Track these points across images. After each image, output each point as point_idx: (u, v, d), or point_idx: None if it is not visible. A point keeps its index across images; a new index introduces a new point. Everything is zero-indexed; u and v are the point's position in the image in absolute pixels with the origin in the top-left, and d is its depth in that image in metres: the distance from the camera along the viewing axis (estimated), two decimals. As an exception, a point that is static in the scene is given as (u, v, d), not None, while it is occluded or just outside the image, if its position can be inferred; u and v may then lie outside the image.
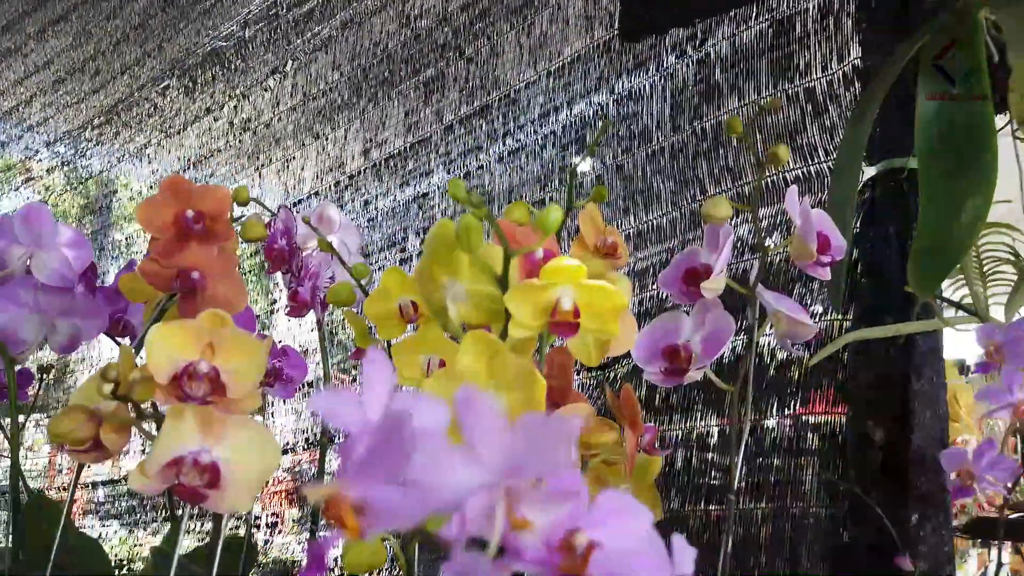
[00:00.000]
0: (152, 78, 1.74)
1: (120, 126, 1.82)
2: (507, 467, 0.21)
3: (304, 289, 0.90)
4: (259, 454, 0.48)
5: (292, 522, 1.58)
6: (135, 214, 0.68)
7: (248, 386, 0.49)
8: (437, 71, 1.26)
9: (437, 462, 0.20)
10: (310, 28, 1.44)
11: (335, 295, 0.65)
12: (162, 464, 0.45)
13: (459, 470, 0.21)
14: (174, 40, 1.70)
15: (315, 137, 1.43)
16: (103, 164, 1.91)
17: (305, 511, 1.52)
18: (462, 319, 0.42)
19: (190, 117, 1.66)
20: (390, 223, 1.30)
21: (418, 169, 1.27)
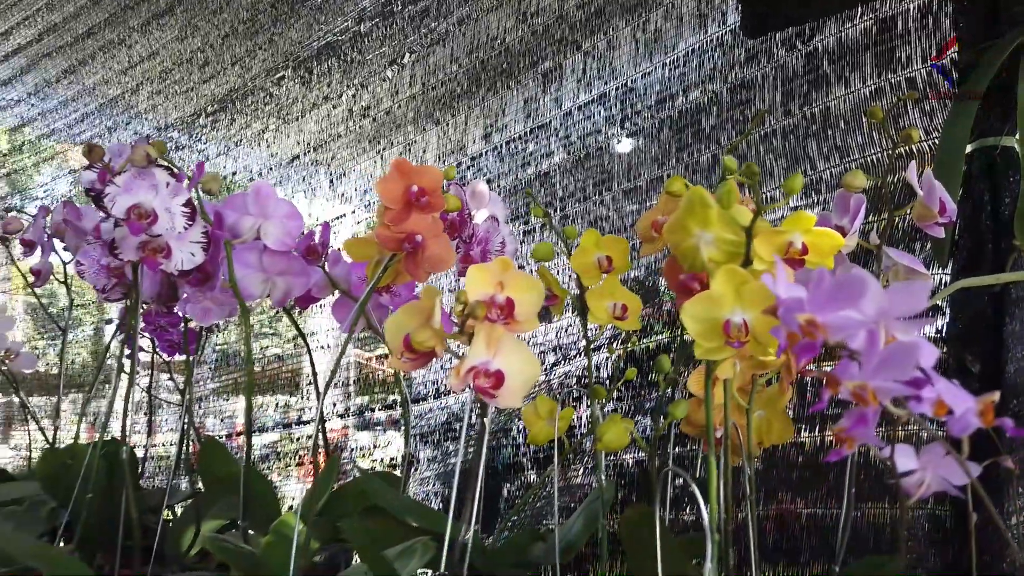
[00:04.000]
0: (265, 69, 1.89)
1: (235, 113, 1.98)
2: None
3: (475, 252, 1.05)
4: (526, 365, 0.64)
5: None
6: (375, 188, 0.83)
7: (530, 312, 0.64)
8: (555, 63, 1.40)
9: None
10: (426, 24, 1.58)
11: (538, 253, 0.80)
12: (465, 370, 0.61)
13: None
14: (285, 34, 1.84)
15: (435, 123, 1.57)
16: (219, 149, 2.07)
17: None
18: (709, 258, 0.56)
19: (308, 105, 1.81)
20: (512, 199, 1.45)
21: (538, 151, 1.41)
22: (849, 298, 0.38)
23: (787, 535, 1.01)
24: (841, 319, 0.37)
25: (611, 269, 0.78)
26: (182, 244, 0.74)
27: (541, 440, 0.81)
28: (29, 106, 2.84)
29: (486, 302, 0.61)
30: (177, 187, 0.71)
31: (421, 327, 0.60)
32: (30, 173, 3.72)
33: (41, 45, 2.74)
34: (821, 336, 0.38)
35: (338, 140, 1.78)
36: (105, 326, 2.83)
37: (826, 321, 0.38)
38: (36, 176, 3.78)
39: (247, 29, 1.94)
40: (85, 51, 2.44)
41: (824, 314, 0.38)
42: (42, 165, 3.49)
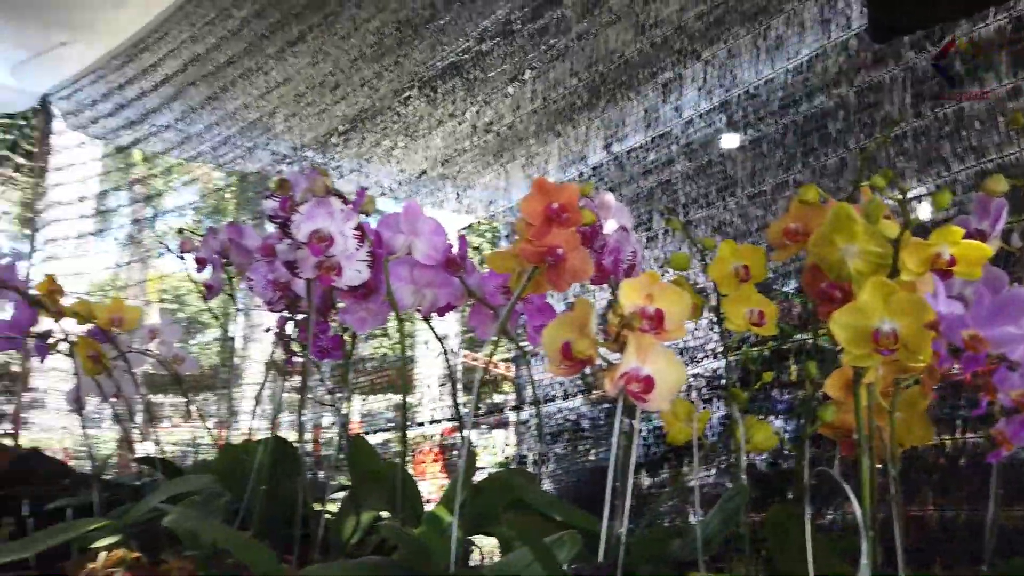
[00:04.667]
0: (393, 90, 1.99)
1: (365, 132, 2.09)
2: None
3: (607, 262, 1.09)
4: (674, 371, 0.67)
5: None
6: (518, 206, 0.88)
7: (678, 321, 0.67)
8: (674, 73, 1.42)
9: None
10: (546, 40, 1.63)
11: (675, 262, 0.83)
12: (618, 376, 0.65)
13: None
14: (410, 56, 1.93)
15: (556, 135, 1.62)
16: (352, 166, 2.19)
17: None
18: (855, 269, 0.58)
19: (433, 122, 1.90)
20: (634, 207, 1.48)
21: (659, 159, 1.44)
22: (1010, 315, 0.39)
23: (927, 536, 1.00)
24: (1003, 334, 0.39)
25: (748, 278, 0.80)
26: (351, 263, 0.81)
27: (680, 440, 0.84)
28: (176, 131, 3.08)
29: (638, 313, 0.64)
30: (349, 213, 0.77)
31: (579, 337, 0.64)
32: (165, 192, 4.01)
33: (186, 75, 2.96)
34: (984, 349, 0.39)
35: (463, 155, 1.85)
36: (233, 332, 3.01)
37: (989, 336, 0.39)
38: (171, 194, 4.07)
39: (374, 52, 2.04)
40: (226, 79, 2.62)
41: (987, 330, 0.39)
42: (176, 184, 3.77)
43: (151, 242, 4.34)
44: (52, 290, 1.23)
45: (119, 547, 1.06)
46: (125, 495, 1.25)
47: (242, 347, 3.03)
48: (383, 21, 2.01)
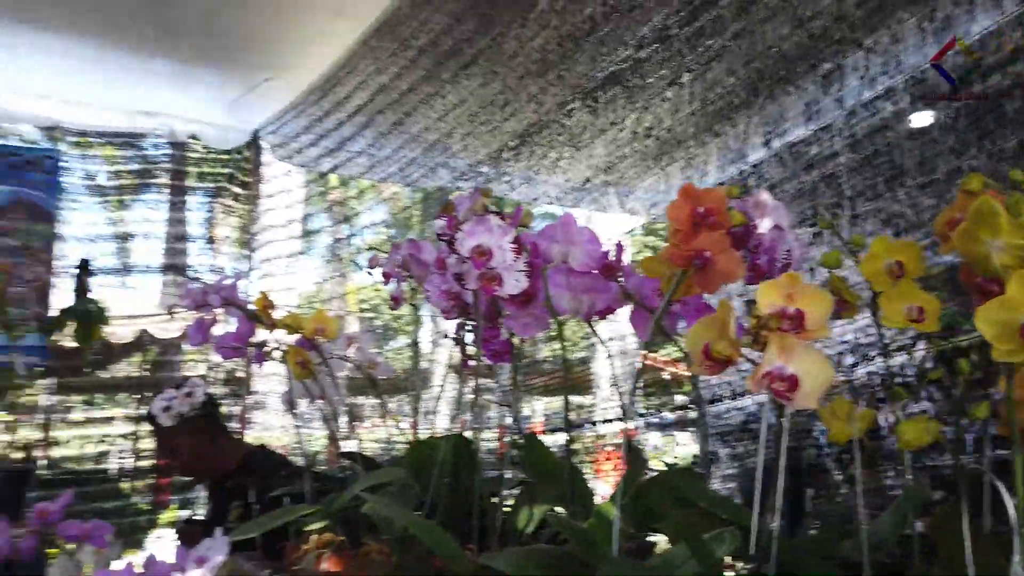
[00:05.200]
0: (557, 103, 2.07)
1: (533, 145, 2.19)
2: None
3: (762, 261, 1.08)
4: (820, 370, 0.67)
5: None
6: (666, 212, 0.92)
7: (820, 321, 0.68)
8: (835, 64, 1.38)
9: None
10: (702, 43, 1.63)
11: (827, 261, 0.83)
12: (761, 375, 0.66)
13: None
14: (572, 69, 2.00)
15: (715, 135, 1.62)
16: (522, 178, 2.30)
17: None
18: (1001, 263, 0.56)
19: (596, 131, 1.95)
20: (798, 203, 1.45)
21: (822, 152, 1.40)
22: None
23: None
24: None
25: (903, 274, 0.77)
26: (511, 274, 0.88)
27: (841, 440, 0.82)
28: (368, 156, 3.34)
29: (777, 314, 0.66)
30: (506, 228, 0.84)
31: (718, 338, 0.66)
32: (360, 211, 4.35)
33: (374, 104, 3.21)
34: None
35: (624, 161, 1.89)
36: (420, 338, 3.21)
37: None
38: (365, 213, 4.42)
39: (538, 69, 2.12)
40: (409, 104, 2.82)
41: None
42: (369, 204, 4.08)
43: (349, 258, 4.74)
44: (266, 305, 1.41)
45: (327, 531, 1.20)
46: (332, 485, 1.39)
47: (430, 351, 3.23)
48: (546, 38, 2.09)
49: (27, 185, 4.08)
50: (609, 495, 1.12)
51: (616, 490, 1.09)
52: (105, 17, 3.47)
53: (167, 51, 3.83)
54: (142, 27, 3.57)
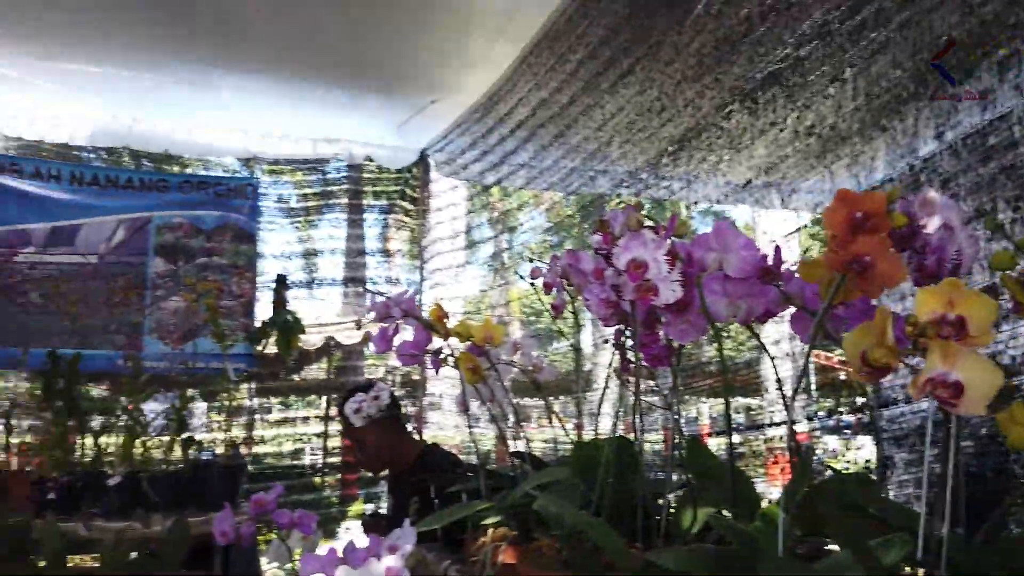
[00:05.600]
0: (715, 106, 2.06)
1: (692, 150, 2.18)
2: None
3: (930, 262, 1.04)
4: (986, 376, 0.66)
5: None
6: (823, 217, 0.91)
7: (983, 327, 0.66)
8: (1011, 49, 1.28)
9: None
10: (865, 36, 1.57)
11: (998, 261, 0.80)
12: (923, 382, 0.66)
13: None
14: (729, 72, 1.98)
15: (882, 130, 1.55)
16: (681, 183, 2.30)
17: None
18: None
19: (756, 132, 1.92)
20: (975, 196, 1.36)
21: (1000, 143, 1.31)
22: None
23: None
24: None
25: (1084, 273, 0.73)
26: (666, 284, 0.92)
27: (1020, 446, 0.79)
28: (530, 168, 3.45)
29: (937, 321, 0.65)
30: (659, 241, 0.88)
31: (876, 345, 0.66)
32: (521, 221, 4.48)
33: (536, 118, 3.31)
34: None
35: (786, 161, 1.84)
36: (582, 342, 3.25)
37: None
38: (525, 222, 4.54)
39: (695, 73, 2.12)
40: (569, 117, 2.89)
41: None
42: (529, 213, 4.19)
43: (511, 265, 4.90)
44: (440, 316, 1.52)
45: (501, 526, 1.28)
46: (504, 483, 1.48)
47: (592, 354, 3.28)
48: (702, 42, 2.08)
49: (232, 210, 4.56)
50: (776, 499, 1.11)
51: (782, 494, 1.09)
52: (293, 56, 3.83)
53: (345, 84, 4.17)
54: (324, 65, 3.90)
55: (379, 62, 3.85)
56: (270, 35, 3.57)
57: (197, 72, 3.95)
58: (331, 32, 3.56)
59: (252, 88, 4.19)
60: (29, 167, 4.16)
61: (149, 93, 4.16)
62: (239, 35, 3.57)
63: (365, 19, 3.44)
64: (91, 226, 4.20)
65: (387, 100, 4.39)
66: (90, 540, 2.31)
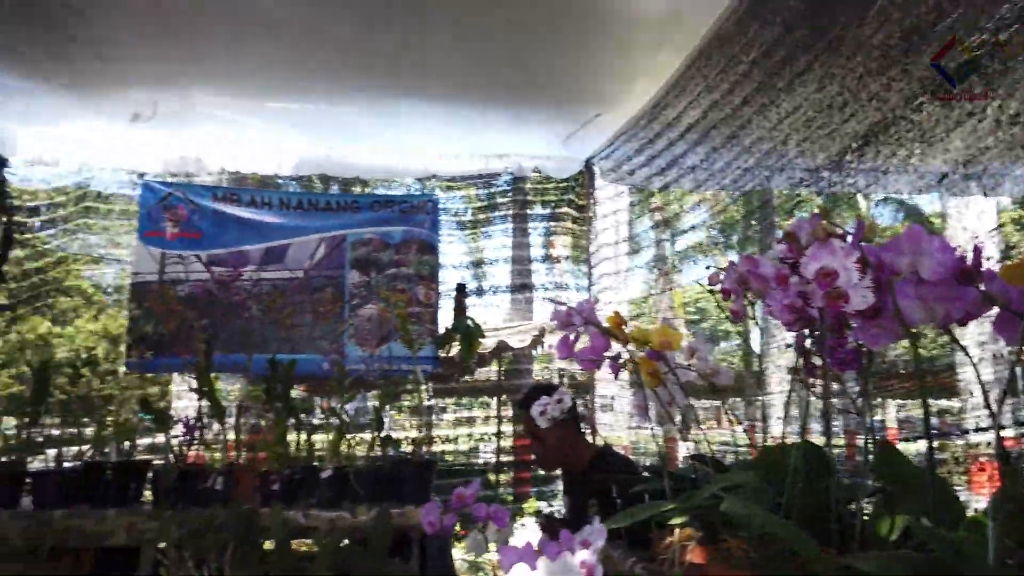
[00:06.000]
0: (903, 99, 1.95)
1: (879, 145, 2.09)
2: None
3: None
4: None
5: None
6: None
7: None
8: None
9: None
10: (1075, 14, 1.44)
11: None
12: None
13: None
14: (918, 62, 1.88)
15: (1098, 115, 1.42)
16: (867, 180, 2.20)
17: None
18: None
19: (951, 124, 1.81)
20: None
21: None
22: None
23: None
24: None
25: None
26: (856, 291, 0.91)
27: None
28: (702, 170, 3.42)
29: None
30: (849, 248, 0.88)
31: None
32: (682, 220, 4.42)
33: (706, 121, 3.28)
34: None
35: (987, 152, 1.71)
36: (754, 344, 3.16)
37: None
38: (686, 222, 4.48)
39: (879, 66, 2.02)
40: (743, 117, 2.84)
41: None
42: (692, 212, 4.14)
43: (674, 266, 4.86)
44: (618, 323, 1.56)
45: (687, 526, 1.30)
46: (684, 484, 1.49)
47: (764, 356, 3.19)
48: (887, 34, 1.98)
49: (415, 225, 4.85)
50: (983, 508, 1.06)
51: (990, 502, 1.05)
52: (466, 83, 4.05)
53: (513, 104, 4.36)
54: (494, 87, 4.10)
55: (545, 81, 3.98)
56: (446, 66, 3.81)
57: (383, 103, 4.28)
58: (500, 58, 3.72)
59: (430, 114, 4.48)
60: (245, 196, 4.68)
61: (342, 124, 4.56)
62: (419, 69, 3.83)
63: (529, 44, 3.58)
64: (297, 245, 4.64)
65: (553, 114, 4.52)
66: (307, 527, 2.56)
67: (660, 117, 3.74)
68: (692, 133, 3.40)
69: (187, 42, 3.57)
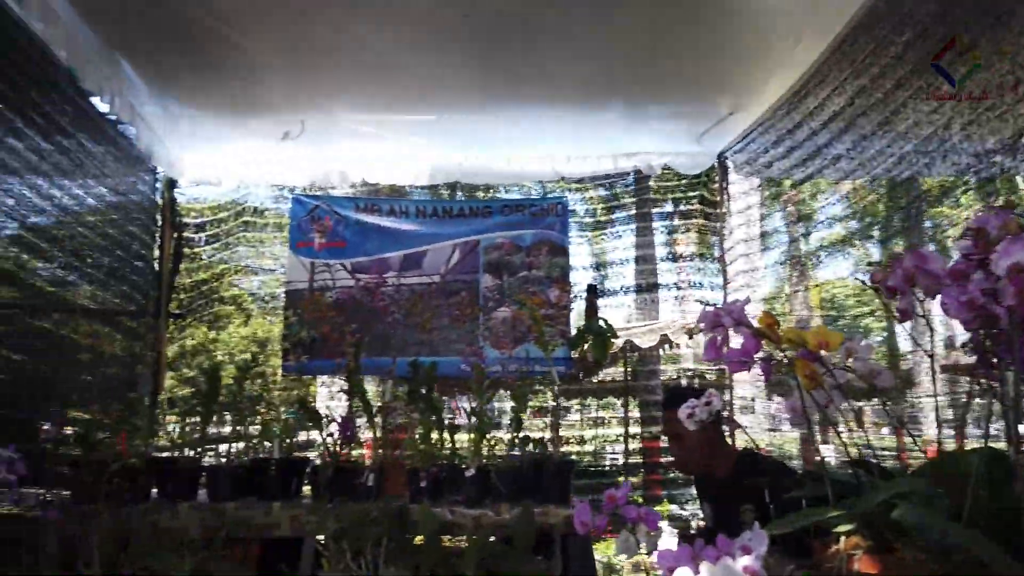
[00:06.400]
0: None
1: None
2: None
3: None
4: None
5: None
6: None
7: None
8: None
9: None
10: None
11: None
12: None
13: None
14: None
15: None
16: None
17: None
18: None
19: None
20: None
21: None
22: None
23: None
24: None
25: None
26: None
27: None
28: (848, 160, 3.24)
29: None
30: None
31: None
32: (818, 213, 4.21)
33: (854, 107, 3.11)
34: None
35: None
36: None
37: None
38: (820, 212, 4.26)
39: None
40: (896, 102, 2.67)
41: None
42: (826, 201, 3.93)
43: (810, 259, 4.64)
44: (770, 323, 1.51)
45: (853, 534, 1.24)
46: (844, 490, 1.42)
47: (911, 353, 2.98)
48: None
49: (545, 228, 4.90)
50: None
51: None
52: (594, 86, 4.04)
53: (640, 102, 4.32)
54: (622, 88, 4.07)
55: (674, 76, 3.91)
56: (572, 72, 3.83)
57: (512, 110, 4.36)
58: (631, 58, 3.70)
59: (558, 118, 4.51)
60: (385, 206, 4.88)
61: (474, 133, 4.68)
62: (547, 76, 3.87)
63: (655, 45, 3.53)
64: (434, 251, 4.79)
65: (684, 109, 4.44)
66: (454, 523, 2.64)
67: (800, 106, 3.58)
68: (837, 121, 3.24)
69: (329, 65, 3.78)
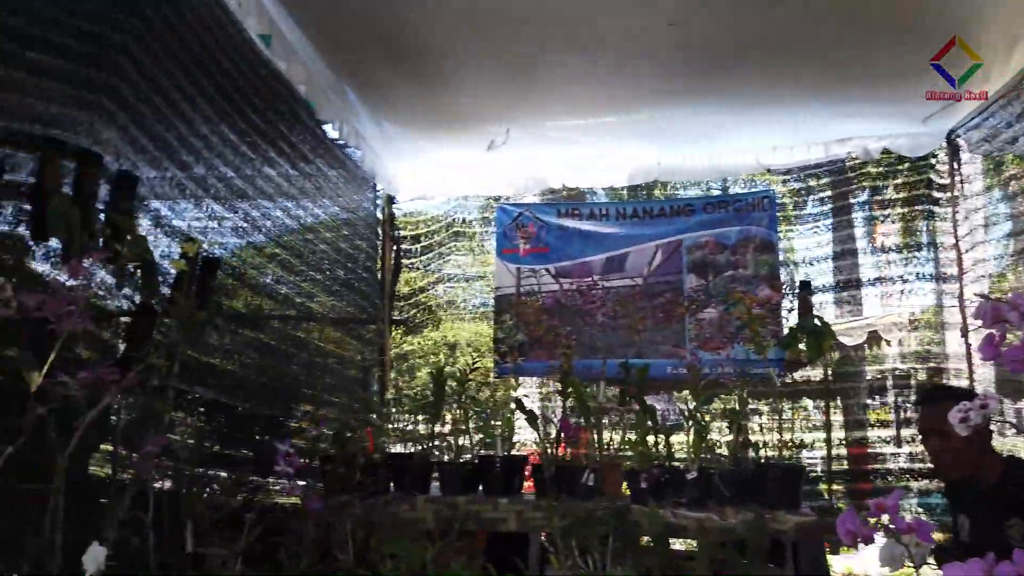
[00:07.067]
0: None
1: None
2: None
3: None
4: None
5: None
6: None
7: None
8: None
9: None
10: None
11: None
12: None
13: None
14: None
15: None
16: None
17: None
18: None
19: None
20: None
21: None
22: None
23: None
24: None
25: None
26: None
27: None
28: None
29: None
30: None
31: None
32: None
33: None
34: None
35: None
36: None
37: None
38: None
39: None
40: None
41: None
42: None
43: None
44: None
45: None
46: None
47: None
48: None
49: (751, 223, 4.71)
50: None
51: None
52: (796, 72, 3.82)
53: (855, 84, 3.99)
54: (834, 71, 3.81)
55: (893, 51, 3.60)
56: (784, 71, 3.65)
57: (716, 105, 4.22)
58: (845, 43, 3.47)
59: (763, 107, 4.29)
60: (585, 210, 4.93)
61: (672, 130, 4.57)
62: (743, 66, 3.71)
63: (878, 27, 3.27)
64: (635, 253, 4.76)
65: (909, 84, 4.05)
66: (676, 526, 2.59)
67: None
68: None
69: (529, 76, 3.87)
